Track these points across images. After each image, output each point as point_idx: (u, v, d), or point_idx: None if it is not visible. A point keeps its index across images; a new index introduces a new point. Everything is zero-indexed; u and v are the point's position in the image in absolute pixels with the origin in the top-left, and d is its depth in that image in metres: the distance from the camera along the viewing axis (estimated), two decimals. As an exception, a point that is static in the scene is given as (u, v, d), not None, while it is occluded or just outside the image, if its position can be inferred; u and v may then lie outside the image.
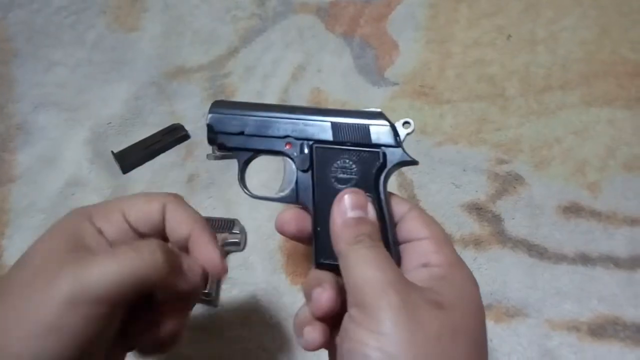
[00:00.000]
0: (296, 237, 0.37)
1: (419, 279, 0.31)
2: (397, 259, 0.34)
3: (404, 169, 0.57)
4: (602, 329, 0.49)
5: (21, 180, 0.59)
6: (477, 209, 0.55)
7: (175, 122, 0.61)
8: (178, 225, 0.34)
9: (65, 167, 0.60)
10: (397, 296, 0.28)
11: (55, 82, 0.66)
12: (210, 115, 0.38)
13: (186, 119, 0.62)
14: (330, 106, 0.62)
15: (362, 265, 0.30)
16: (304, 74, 0.66)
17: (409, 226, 0.34)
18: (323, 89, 0.64)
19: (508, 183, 0.56)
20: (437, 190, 0.56)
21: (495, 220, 0.54)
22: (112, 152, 0.59)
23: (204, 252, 0.34)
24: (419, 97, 0.62)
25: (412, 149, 0.58)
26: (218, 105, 0.38)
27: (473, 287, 0.31)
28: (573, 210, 0.54)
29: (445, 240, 0.33)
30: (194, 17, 0.71)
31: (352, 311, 0.29)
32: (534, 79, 0.63)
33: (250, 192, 0.39)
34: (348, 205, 0.33)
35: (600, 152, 0.58)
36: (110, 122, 0.63)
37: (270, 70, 0.66)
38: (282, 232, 0.37)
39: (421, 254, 0.33)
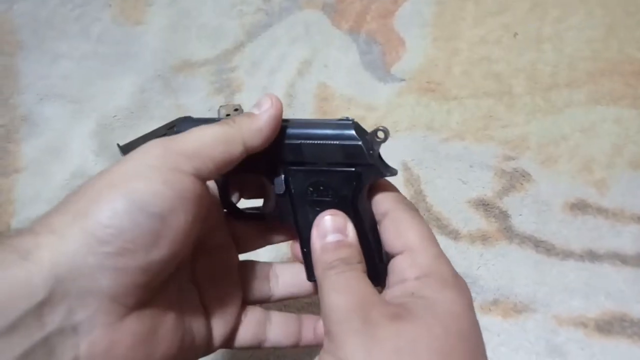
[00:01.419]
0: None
1: (394, 295, 0.30)
2: (385, 276, 0.33)
3: (411, 164, 0.57)
4: (610, 325, 0.49)
5: (27, 172, 0.59)
6: (484, 205, 0.55)
7: (181, 115, 0.61)
8: None
9: (71, 159, 0.59)
10: (358, 319, 0.27)
11: (60, 74, 0.66)
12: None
13: (192, 113, 0.62)
14: (337, 102, 0.62)
15: (330, 292, 0.29)
16: (310, 69, 0.65)
17: (385, 239, 0.33)
18: (329, 84, 0.64)
19: (515, 179, 0.56)
20: (443, 186, 0.56)
21: (503, 216, 0.54)
22: (117, 144, 0.59)
23: None
24: (426, 94, 0.62)
25: (419, 145, 0.58)
26: (186, 121, 0.35)
27: (450, 292, 0.29)
28: (580, 207, 0.55)
29: (420, 247, 0.31)
30: (200, 11, 0.71)
31: (324, 340, 0.29)
32: (540, 76, 0.63)
33: (236, 212, 0.37)
34: (326, 229, 0.32)
35: (606, 150, 0.58)
36: (115, 115, 0.62)
37: (277, 65, 0.66)
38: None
39: (398, 270, 0.31)
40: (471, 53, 0.65)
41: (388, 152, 0.57)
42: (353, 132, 0.32)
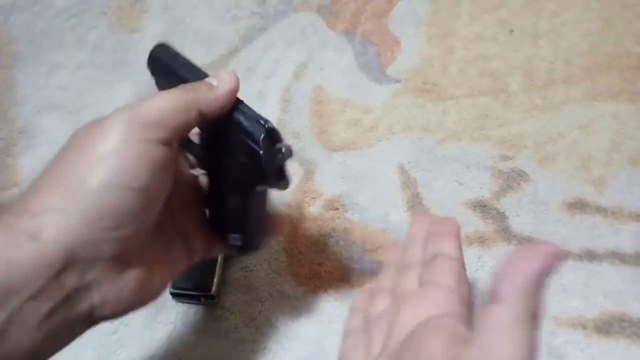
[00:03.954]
0: None
1: None
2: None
3: (407, 167, 0.57)
4: (609, 326, 0.49)
5: (25, 185, 0.59)
6: (481, 206, 0.55)
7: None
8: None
9: (69, 170, 0.60)
10: None
11: (57, 84, 0.67)
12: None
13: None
14: (333, 105, 0.62)
15: None
16: (306, 72, 0.65)
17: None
18: (325, 87, 0.64)
19: (512, 179, 0.56)
20: (440, 188, 0.56)
21: (500, 217, 0.54)
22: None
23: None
24: (422, 94, 0.62)
25: (415, 147, 0.58)
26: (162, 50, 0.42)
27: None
28: (578, 206, 0.54)
29: None
30: (194, 17, 0.71)
31: None
32: (536, 73, 0.62)
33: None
34: None
35: (604, 147, 0.57)
36: (112, 125, 0.63)
37: (272, 70, 0.66)
38: None
39: None
40: (467, 51, 0.65)
41: (384, 156, 0.57)
42: (262, 136, 0.35)
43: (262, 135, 0.35)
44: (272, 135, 0.36)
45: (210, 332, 0.51)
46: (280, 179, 0.37)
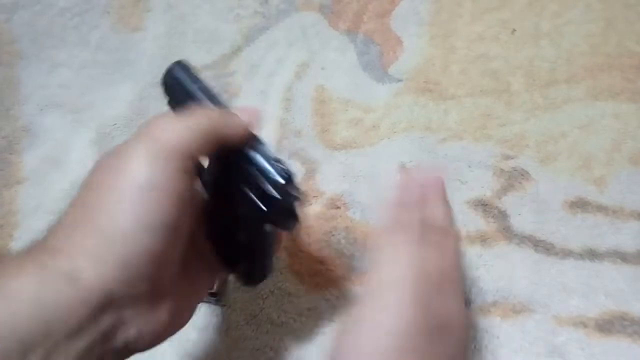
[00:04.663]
0: None
1: None
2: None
3: (408, 165, 0.57)
4: (610, 325, 0.49)
5: (28, 182, 0.59)
6: (482, 205, 0.55)
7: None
8: None
9: (72, 168, 0.60)
10: None
11: (59, 83, 0.67)
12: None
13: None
14: (334, 104, 0.62)
15: None
16: (308, 71, 0.65)
17: None
18: (327, 86, 0.64)
19: (514, 179, 0.56)
20: (442, 186, 0.56)
21: (501, 216, 0.54)
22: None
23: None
24: (424, 94, 0.62)
25: (416, 146, 0.58)
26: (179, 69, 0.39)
27: None
28: (579, 205, 0.54)
29: None
30: (197, 16, 0.71)
31: None
32: (538, 73, 0.62)
33: None
34: None
35: (606, 146, 0.57)
36: (115, 123, 0.63)
37: (274, 69, 0.66)
38: None
39: None
40: (469, 51, 0.65)
41: (386, 155, 0.57)
42: (281, 182, 0.35)
43: (282, 182, 0.34)
44: (291, 182, 0.35)
45: (212, 329, 0.51)
46: (291, 221, 0.36)
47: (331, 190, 0.57)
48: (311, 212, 0.56)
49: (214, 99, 0.37)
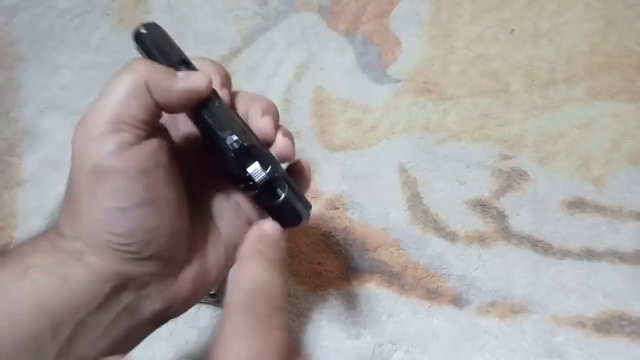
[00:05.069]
0: None
1: None
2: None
3: (407, 166, 0.57)
4: (608, 325, 0.49)
5: (29, 184, 0.60)
6: (481, 206, 0.55)
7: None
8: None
9: (72, 170, 0.60)
10: None
11: (60, 85, 0.67)
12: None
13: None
14: (333, 105, 0.63)
15: None
16: (307, 72, 0.66)
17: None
18: (326, 87, 0.64)
19: (512, 179, 0.56)
20: (440, 187, 0.56)
21: (500, 216, 0.54)
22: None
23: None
24: (422, 94, 0.62)
25: (415, 147, 0.58)
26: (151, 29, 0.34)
27: None
28: (578, 205, 0.54)
29: None
30: (197, 17, 0.71)
31: None
32: (537, 73, 0.62)
33: None
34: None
35: (605, 146, 0.57)
36: (115, 125, 0.63)
37: (273, 70, 0.66)
38: None
39: None
40: (468, 51, 0.65)
41: (385, 155, 0.58)
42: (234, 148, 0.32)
43: (232, 155, 0.32)
44: (245, 152, 0.32)
45: (212, 330, 0.51)
46: (269, 196, 0.33)
47: (330, 191, 0.57)
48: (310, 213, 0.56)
49: (175, 60, 0.33)
